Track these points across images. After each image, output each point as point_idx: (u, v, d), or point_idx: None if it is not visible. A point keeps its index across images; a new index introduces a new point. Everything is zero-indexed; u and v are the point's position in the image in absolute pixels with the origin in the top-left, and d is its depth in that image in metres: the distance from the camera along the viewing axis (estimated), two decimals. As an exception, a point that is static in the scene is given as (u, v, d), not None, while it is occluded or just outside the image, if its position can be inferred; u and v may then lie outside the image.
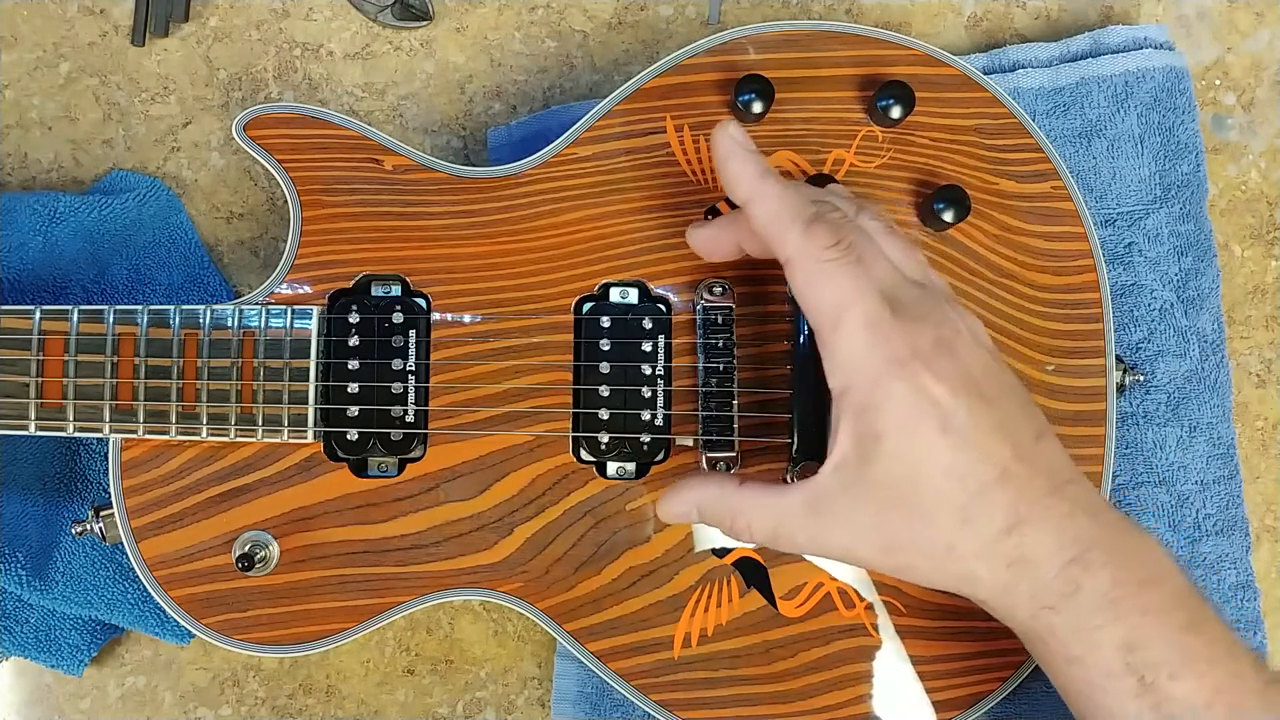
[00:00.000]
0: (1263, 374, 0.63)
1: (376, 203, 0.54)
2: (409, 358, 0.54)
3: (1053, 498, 0.44)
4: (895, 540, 0.45)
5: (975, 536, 0.44)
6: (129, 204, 0.61)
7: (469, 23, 0.63)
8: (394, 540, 0.53)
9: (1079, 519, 0.45)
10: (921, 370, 0.43)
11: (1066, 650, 0.45)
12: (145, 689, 0.61)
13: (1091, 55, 0.61)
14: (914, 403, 0.43)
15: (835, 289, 0.44)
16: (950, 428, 0.43)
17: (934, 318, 0.45)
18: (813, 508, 0.46)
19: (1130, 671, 0.44)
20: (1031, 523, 0.44)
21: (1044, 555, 0.44)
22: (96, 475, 0.60)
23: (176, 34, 0.63)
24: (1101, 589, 0.44)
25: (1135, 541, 0.45)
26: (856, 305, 0.44)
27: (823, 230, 0.45)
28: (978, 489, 0.44)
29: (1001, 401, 0.45)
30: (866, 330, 0.44)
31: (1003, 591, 0.45)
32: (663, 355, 0.54)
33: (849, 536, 0.45)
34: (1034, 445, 0.45)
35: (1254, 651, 0.45)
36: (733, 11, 0.64)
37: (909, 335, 0.44)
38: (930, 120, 0.55)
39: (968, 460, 0.44)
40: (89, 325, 0.53)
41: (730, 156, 0.47)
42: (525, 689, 0.62)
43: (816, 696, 0.53)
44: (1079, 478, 0.46)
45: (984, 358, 0.45)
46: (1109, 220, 0.60)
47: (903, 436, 0.44)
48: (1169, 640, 0.44)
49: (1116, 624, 0.44)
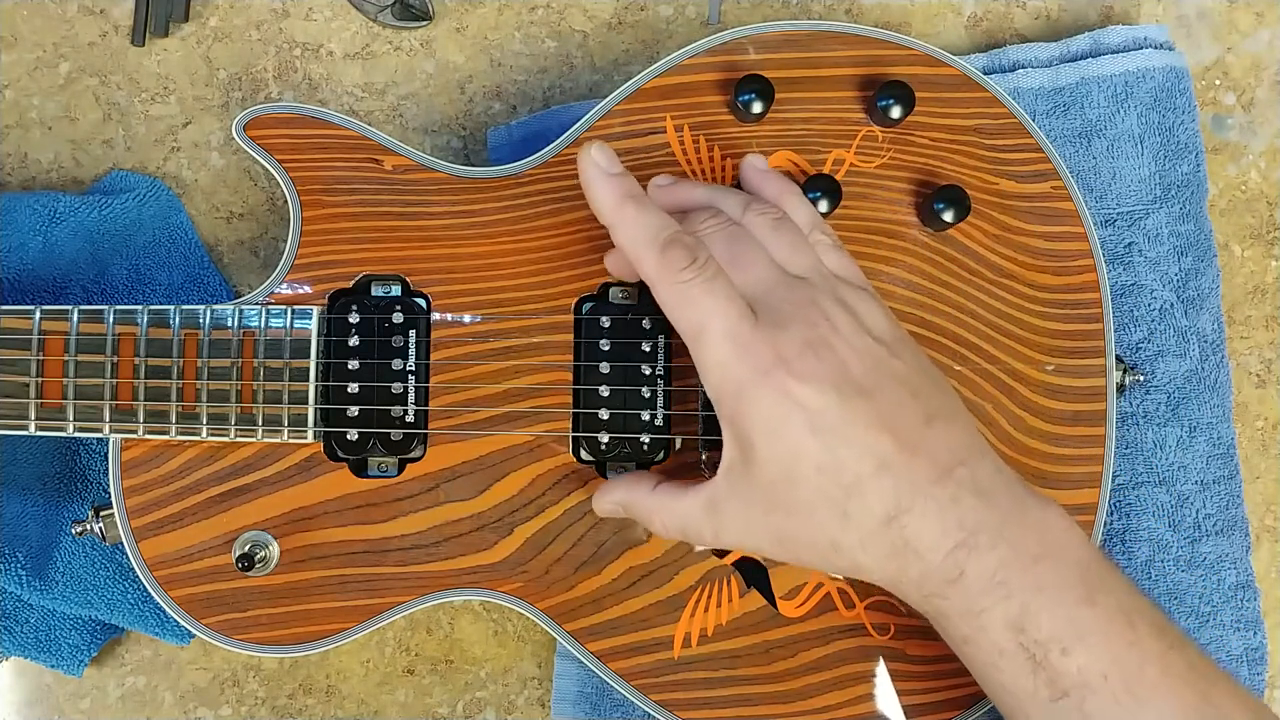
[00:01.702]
0: (1263, 374, 0.63)
1: (376, 203, 0.54)
2: (409, 358, 0.54)
3: (937, 485, 0.45)
4: (784, 535, 0.46)
5: (855, 529, 0.45)
6: (129, 204, 0.61)
7: (469, 23, 0.63)
8: (394, 540, 0.53)
9: (966, 502, 0.45)
10: (783, 374, 0.44)
11: (958, 632, 0.46)
12: (145, 689, 0.61)
13: (1091, 55, 0.61)
14: (778, 408, 0.44)
15: (692, 310, 0.46)
16: (819, 426, 0.44)
17: (804, 317, 0.45)
18: (710, 509, 0.47)
19: (1021, 649, 0.44)
20: (912, 512, 0.45)
21: (927, 543, 0.45)
22: (96, 475, 0.60)
23: (176, 34, 0.63)
24: (987, 571, 0.44)
25: (1034, 517, 0.46)
26: (713, 323, 0.45)
27: (676, 253, 0.46)
28: (853, 482, 0.45)
29: (883, 392, 0.45)
30: (726, 345, 0.45)
31: (891, 580, 0.46)
32: (662, 355, 0.54)
33: (746, 534, 0.47)
34: (922, 431, 0.45)
35: (1161, 616, 0.46)
36: (733, 11, 0.64)
37: (771, 341, 0.45)
38: (930, 120, 0.55)
39: (841, 456, 0.44)
40: (89, 325, 0.53)
41: (592, 182, 0.48)
42: (525, 689, 0.62)
43: (816, 696, 0.53)
44: (975, 457, 0.46)
45: (866, 346, 0.46)
46: (1109, 220, 0.60)
47: (772, 441, 0.45)
48: (1062, 615, 0.44)
49: (1005, 604, 0.44)
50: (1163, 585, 0.58)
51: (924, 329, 0.54)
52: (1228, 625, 0.58)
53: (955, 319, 0.54)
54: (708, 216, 0.48)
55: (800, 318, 0.45)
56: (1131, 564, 0.58)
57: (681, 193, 0.52)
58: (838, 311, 0.46)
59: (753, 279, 0.46)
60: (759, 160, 0.52)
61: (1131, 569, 0.58)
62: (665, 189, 0.52)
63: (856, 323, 0.46)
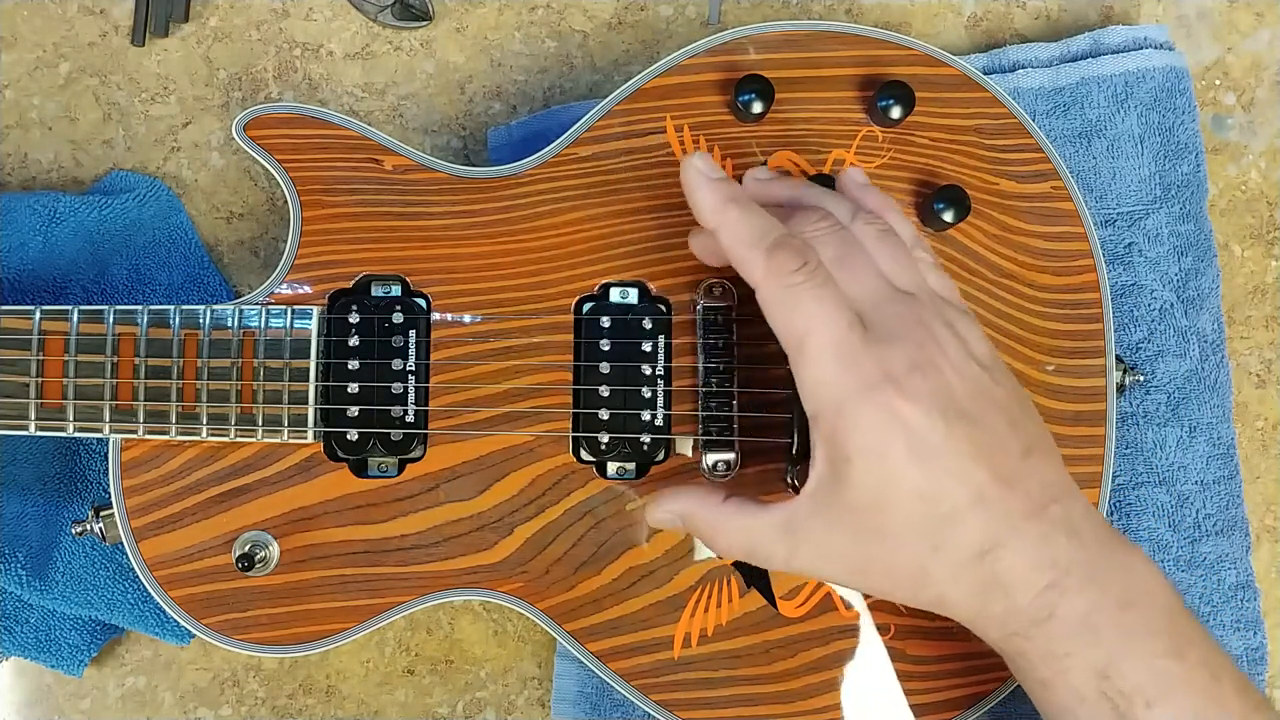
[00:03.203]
0: (1263, 374, 0.63)
1: (376, 203, 0.55)
2: (409, 358, 0.54)
3: (1031, 520, 0.44)
4: (868, 563, 0.45)
5: (946, 560, 0.44)
6: (129, 204, 0.61)
7: (469, 23, 0.63)
8: (394, 540, 0.53)
9: (1058, 541, 0.44)
10: (892, 393, 0.43)
11: (1037, 675, 0.45)
12: (145, 689, 0.61)
13: (1091, 55, 0.61)
14: (882, 426, 0.43)
15: (798, 316, 0.44)
16: (920, 450, 0.43)
17: (913, 336, 0.44)
18: (787, 529, 0.46)
19: (1104, 699, 0.43)
20: (1006, 547, 0.43)
21: (1018, 580, 0.44)
22: (96, 475, 0.60)
23: (176, 34, 0.63)
24: (1077, 614, 0.43)
25: (1122, 561, 0.45)
26: (821, 331, 0.43)
27: (785, 255, 0.44)
28: (950, 512, 0.43)
29: (985, 420, 0.44)
30: (832, 356, 0.43)
31: (974, 615, 0.45)
32: (663, 355, 0.54)
33: (822, 559, 0.45)
34: (1019, 464, 0.44)
35: (1241, 675, 0.45)
36: (733, 11, 0.64)
37: (879, 358, 0.43)
38: (930, 120, 0.55)
39: (939, 483, 0.43)
40: (89, 325, 0.53)
41: (695, 188, 0.47)
42: (525, 689, 0.62)
43: (816, 696, 0.53)
44: (1067, 495, 0.45)
45: (973, 373, 0.45)
46: (1109, 220, 0.60)
47: (871, 460, 0.43)
48: (1147, 666, 0.43)
49: (1091, 650, 0.43)
50: (1163, 585, 0.58)
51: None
52: (1228, 625, 0.58)
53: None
54: (818, 219, 0.46)
55: (909, 336, 0.44)
56: (1131, 564, 0.58)
57: (782, 190, 0.50)
58: (945, 333, 0.45)
59: (862, 290, 0.45)
60: (858, 174, 0.50)
61: (1131, 569, 0.58)
62: (765, 184, 0.50)
63: (962, 346, 0.45)
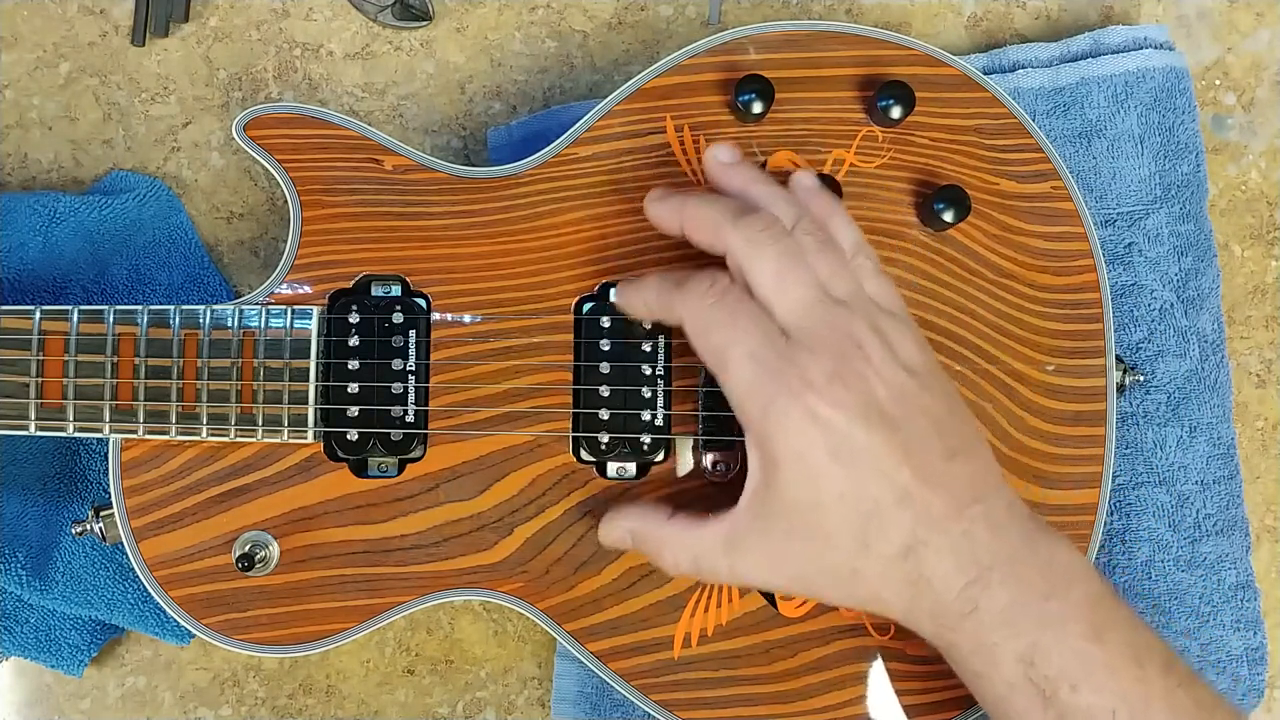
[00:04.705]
0: (1263, 374, 0.63)
1: (376, 203, 0.54)
2: (409, 358, 0.54)
3: (954, 519, 0.45)
4: (805, 567, 0.46)
5: (875, 559, 0.45)
6: (129, 204, 0.61)
7: (469, 23, 0.63)
8: (394, 540, 0.53)
9: (980, 538, 0.45)
10: (813, 398, 0.44)
11: (969, 666, 0.47)
12: (145, 689, 0.61)
13: (1091, 55, 0.61)
14: (804, 430, 0.45)
15: (715, 335, 0.46)
16: (842, 453, 0.44)
17: (837, 345, 0.45)
18: (729, 542, 0.47)
19: (1031, 685, 0.45)
20: (929, 545, 0.45)
21: (942, 577, 0.45)
22: (96, 475, 0.60)
23: (176, 34, 0.63)
24: (999, 606, 0.45)
25: (1045, 554, 0.46)
26: (738, 345, 0.46)
27: (695, 283, 0.47)
28: (873, 511, 0.45)
29: (909, 424, 0.45)
30: (751, 366, 0.45)
31: (906, 611, 0.47)
32: (663, 355, 0.54)
33: (765, 568, 0.47)
34: (943, 466, 0.46)
35: (1168, 653, 0.46)
36: (733, 11, 0.64)
37: (800, 365, 0.45)
38: (930, 120, 0.55)
39: (862, 484, 0.45)
40: (89, 325, 0.53)
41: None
42: (525, 689, 0.62)
43: (816, 696, 0.53)
44: (992, 493, 0.47)
45: (898, 379, 0.46)
46: (1109, 220, 0.60)
47: (796, 463, 0.45)
48: (1071, 651, 0.45)
49: (1015, 640, 0.45)
50: (1163, 585, 0.58)
51: (924, 329, 0.54)
52: (1228, 625, 0.58)
53: (955, 319, 0.54)
54: (761, 226, 0.47)
55: (833, 344, 0.45)
56: (1131, 564, 0.58)
57: (735, 181, 0.51)
58: (872, 340, 0.46)
59: (793, 300, 0.46)
60: (807, 178, 0.51)
61: (1131, 569, 0.58)
62: (725, 169, 0.51)
63: (889, 353, 0.46)
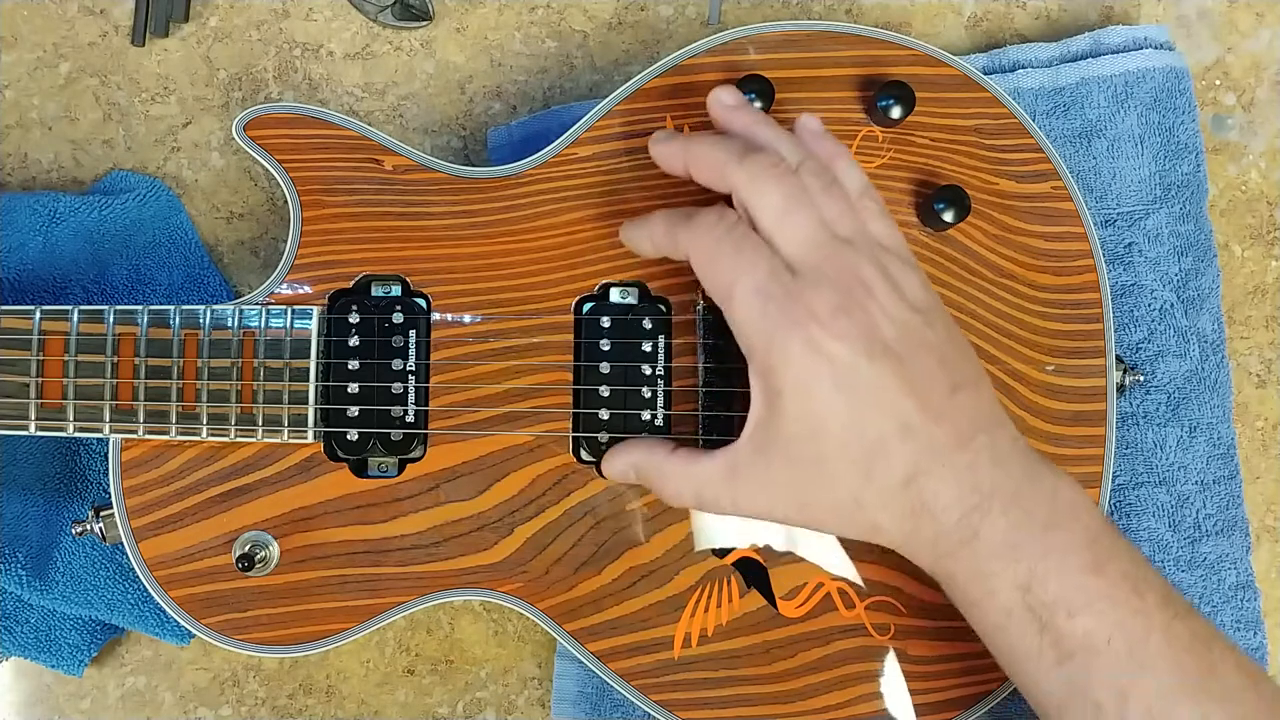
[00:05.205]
0: (1263, 374, 0.63)
1: (376, 203, 0.54)
2: (409, 358, 0.54)
3: (957, 450, 0.46)
4: (806, 496, 0.47)
5: (877, 488, 0.46)
6: (129, 204, 0.61)
7: (469, 23, 0.63)
8: (394, 540, 0.53)
9: (983, 469, 0.46)
10: (816, 330, 0.45)
11: (967, 594, 0.47)
12: (145, 689, 0.61)
13: (1091, 55, 0.61)
14: (808, 360, 0.45)
15: (721, 268, 0.47)
16: (845, 384, 0.45)
17: (842, 280, 0.46)
18: (731, 471, 0.48)
19: (1028, 611, 0.46)
20: (931, 474, 0.46)
21: (943, 505, 0.46)
22: (96, 475, 0.60)
23: (176, 34, 0.63)
24: (1000, 534, 0.46)
25: (1048, 486, 0.47)
26: (744, 278, 0.46)
27: (703, 217, 0.48)
28: (877, 441, 0.45)
29: (913, 358, 0.46)
30: (757, 299, 0.46)
31: (905, 540, 0.47)
32: (663, 355, 0.54)
33: (766, 497, 0.48)
34: (946, 400, 0.46)
35: (1167, 587, 0.46)
36: (733, 11, 0.64)
37: (805, 299, 0.45)
38: (930, 120, 0.55)
39: (865, 414, 0.45)
40: (89, 325, 0.53)
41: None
42: (525, 689, 0.62)
43: (817, 697, 0.53)
44: (995, 426, 0.47)
45: (902, 315, 0.46)
46: (1109, 220, 0.60)
47: (800, 393, 0.46)
48: (1069, 581, 0.45)
49: (1014, 566, 0.46)
50: (1163, 585, 0.58)
51: (924, 329, 0.54)
52: (1228, 625, 0.58)
53: (955, 319, 0.54)
54: (768, 164, 0.48)
55: (838, 279, 0.46)
56: (1131, 564, 0.58)
57: (740, 121, 0.51)
58: (877, 276, 0.47)
59: (798, 237, 0.47)
60: (814, 122, 0.51)
61: (1131, 569, 0.58)
62: (729, 110, 0.51)
63: (894, 289, 0.47)
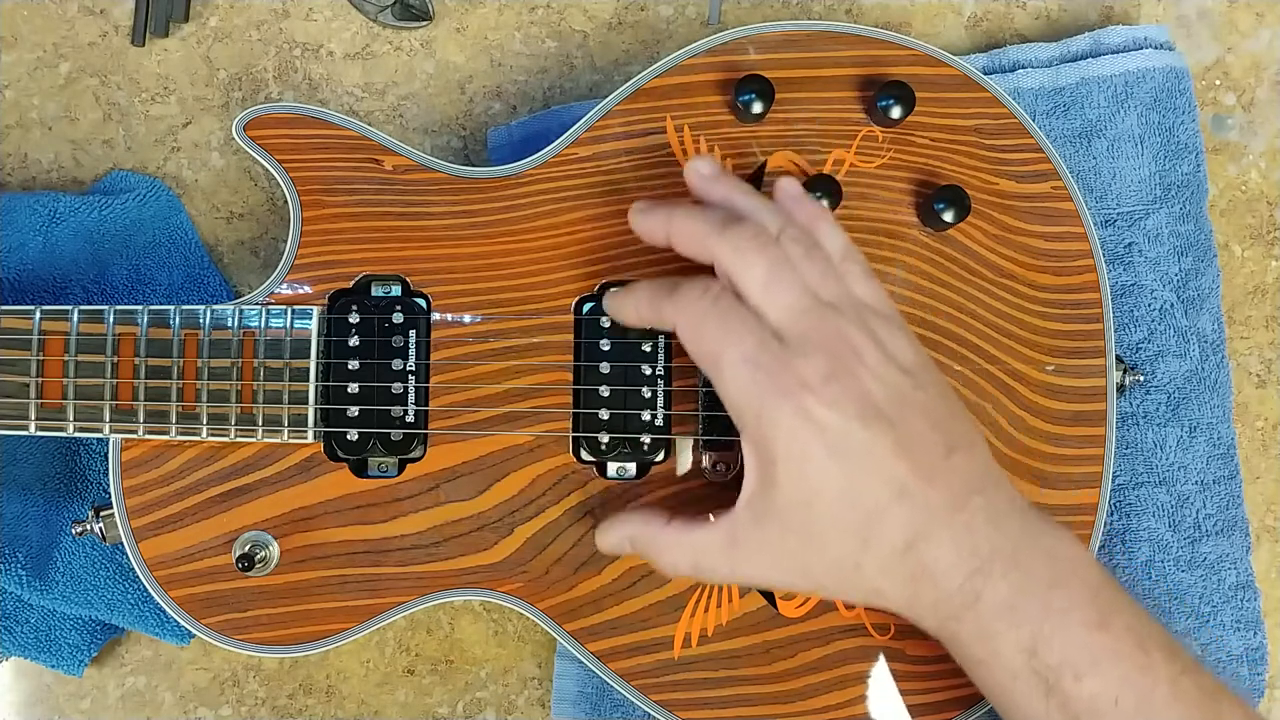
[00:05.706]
0: (1263, 374, 0.63)
1: (376, 203, 0.54)
2: (409, 358, 0.54)
3: (954, 513, 0.45)
4: (806, 564, 0.47)
5: (876, 554, 0.46)
6: (129, 204, 0.61)
7: (469, 23, 0.63)
8: (394, 540, 0.53)
9: (980, 530, 0.46)
10: (808, 399, 0.45)
11: (972, 654, 0.47)
12: (145, 689, 0.61)
13: (1091, 55, 0.61)
14: (800, 429, 0.45)
15: (708, 340, 0.46)
16: (839, 451, 0.45)
17: (830, 347, 0.45)
18: (730, 542, 0.48)
19: (1034, 674, 0.45)
20: (930, 539, 0.45)
21: (943, 570, 0.46)
22: (96, 475, 0.60)
23: (176, 34, 0.63)
24: (1002, 596, 0.45)
25: (1047, 544, 0.47)
26: (732, 349, 0.46)
27: (688, 288, 0.47)
28: (874, 508, 0.45)
29: (905, 422, 0.45)
30: (746, 369, 0.45)
31: (908, 604, 0.47)
32: (663, 355, 0.54)
33: (765, 566, 0.48)
34: (941, 462, 0.46)
35: (1171, 640, 0.46)
36: (733, 12, 0.64)
37: (794, 368, 0.45)
38: (930, 120, 0.55)
39: (861, 481, 0.45)
40: (89, 325, 0.53)
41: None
42: (525, 689, 0.62)
43: (816, 696, 0.53)
44: (991, 486, 0.47)
45: (892, 378, 0.46)
46: (1109, 220, 0.60)
47: (794, 462, 0.45)
48: (1074, 640, 0.45)
49: (1018, 629, 0.45)
50: (1163, 585, 0.58)
51: (924, 329, 0.54)
52: (1228, 625, 0.58)
53: (955, 319, 0.54)
54: (749, 235, 0.47)
55: (826, 346, 0.45)
56: (1131, 564, 0.58)
57: (719, 192, 0.50)
58: (864, 341, 0.46)
59: (783, 305, 0.46)
60: (793, 185, 0.51)
61: (1131, 569, 0.58)
62: (707, 181, 0.51)
63: (883, 352, 0.46)
